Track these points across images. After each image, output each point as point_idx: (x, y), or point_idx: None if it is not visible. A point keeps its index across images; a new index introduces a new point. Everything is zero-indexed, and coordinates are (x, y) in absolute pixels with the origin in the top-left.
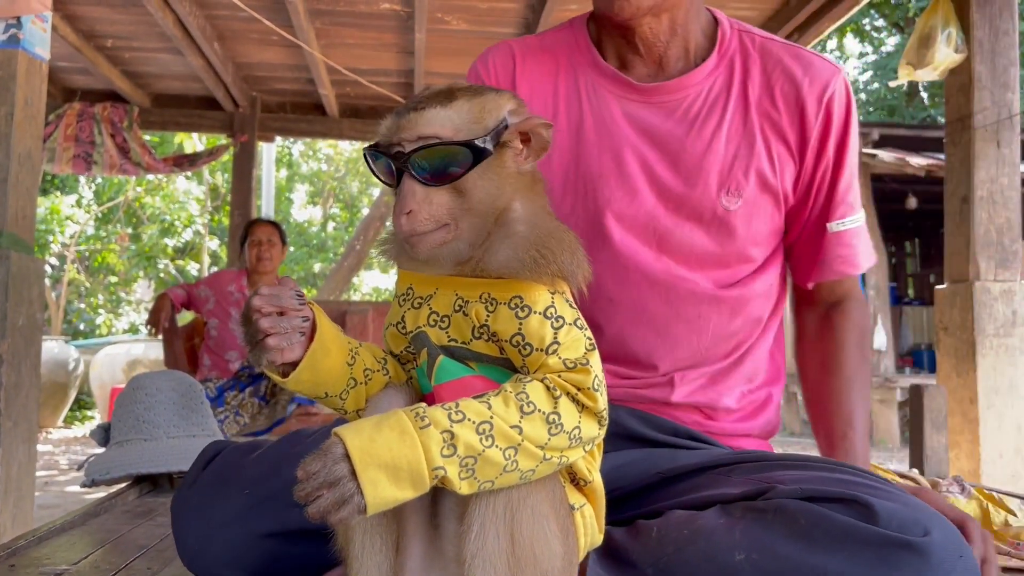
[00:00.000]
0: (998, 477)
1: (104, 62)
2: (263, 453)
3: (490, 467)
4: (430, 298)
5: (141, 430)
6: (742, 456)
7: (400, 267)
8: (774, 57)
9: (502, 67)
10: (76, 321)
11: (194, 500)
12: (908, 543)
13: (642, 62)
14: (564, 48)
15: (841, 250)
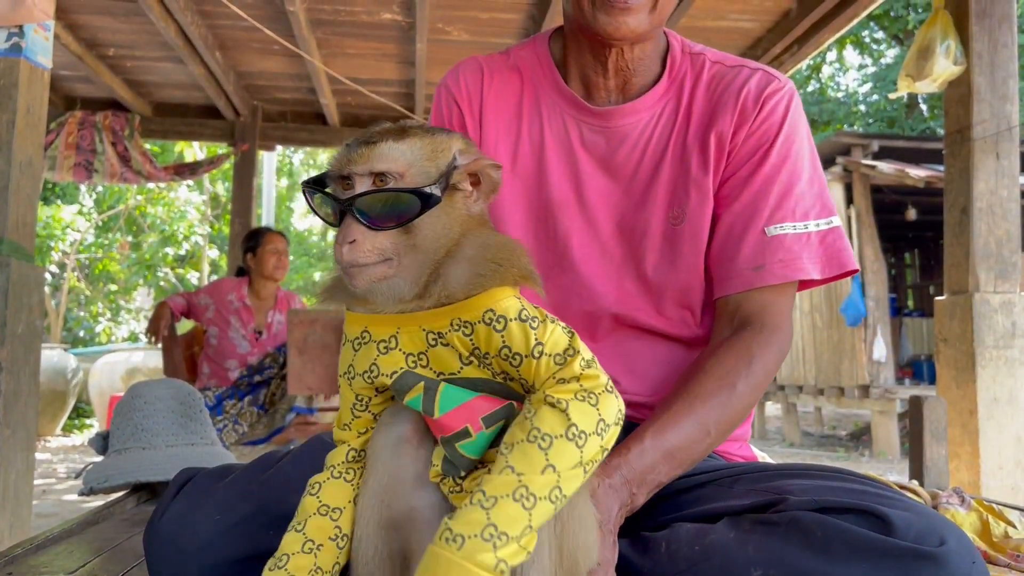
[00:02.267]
0: (998, 489)
1: (106, 71)
2: (234, 478)
3: (543, 515)
4: (393, 339)
5: (140, 438)
6: (744, 467)
7: (349, 309)
8: (720, 74)
9: (472, 83)
10: (76, 329)
11: (166, 529)
12: (926, 553)
13: (606, 85)
14: (528, 66)
15: (782, 254)
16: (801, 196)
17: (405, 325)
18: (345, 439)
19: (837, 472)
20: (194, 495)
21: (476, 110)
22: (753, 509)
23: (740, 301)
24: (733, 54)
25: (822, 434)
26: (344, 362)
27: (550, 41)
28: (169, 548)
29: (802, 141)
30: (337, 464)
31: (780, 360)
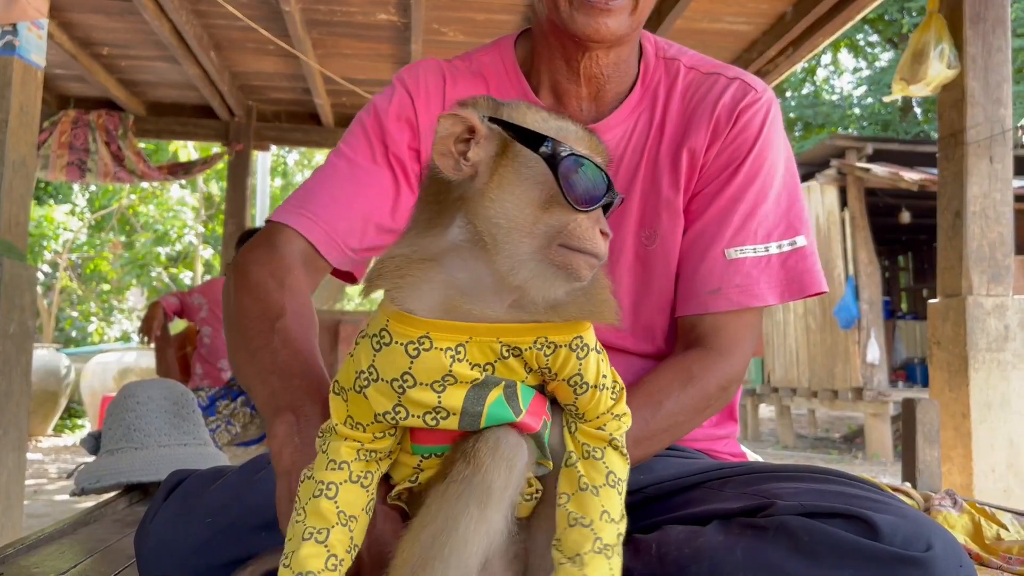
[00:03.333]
0: (990, 491)
1: (100, 70)
2: (226, 481)
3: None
4: (461, 349)
5: (132, 438)
6: (734, 469)
7: (414, 312)
8: (695, 83)
9: (433, 86)
10: (68, 329)
11: (157, 533)
12: (912, 559)
13: (578, 93)
14: (493, 74)
15: (739, 279)
16: (765, 217)
17: (481, 336)
18: (360, 440)
19: (826, 474)
20: (185, 498)
21: (435, 117)
22: (742, 512)
23: (694, 322)
24: (728, 57)
25: (816, 436)
26: (360, 362)
27: (516, 44)
28: (160, 551)
29: (776, 156)
30: (351, 463)
31: (725, 385)
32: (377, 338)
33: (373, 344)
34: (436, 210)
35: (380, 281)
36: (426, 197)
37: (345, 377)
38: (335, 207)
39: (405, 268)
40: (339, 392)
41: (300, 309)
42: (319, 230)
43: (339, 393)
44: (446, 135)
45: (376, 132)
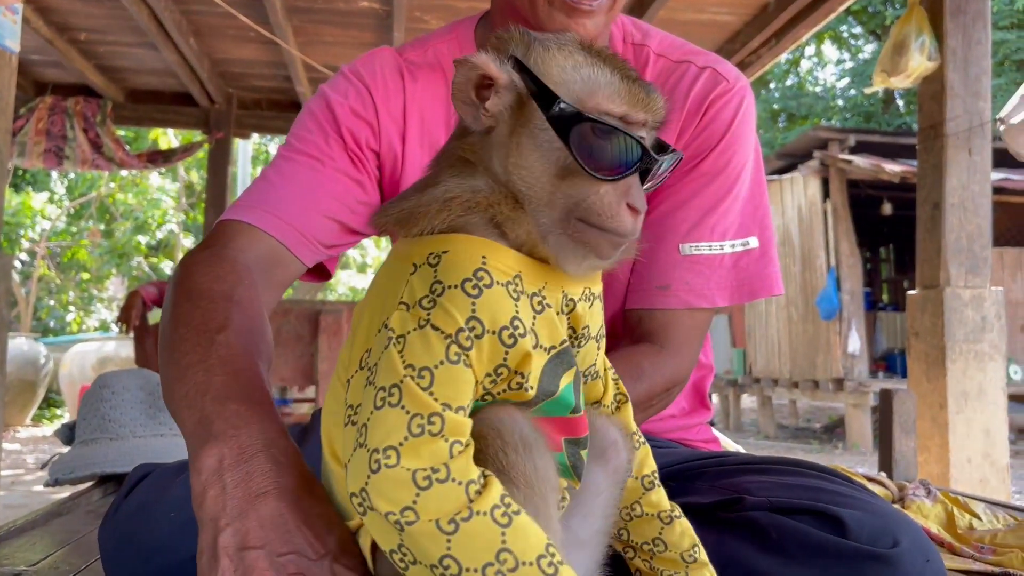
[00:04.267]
0: (967, 481)
1: (77, 56)
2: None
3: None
4: (542, 296)
5: (107, 429)
6: (705, 461)
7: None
8: (665, 71)
9: (392, 85)
10: (46, 318)
11: (121, 527)
12: (879, 555)
13: None
14: (450, 64)
15: (689, 276)
16: (724, 214)
17: (553, 282)
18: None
19: (797, 466)
20: (151, 491)
21: (398, 115)
22: (712, 507)
23: (642, 316)
24: (711, 48)
25: (797, 427)
26: (451, 320)
27: (476, 32)
28: (125, 545)
29: (745, 152)
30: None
31: (670, 385)
32: (472, 281)
33: (468, 290)
34: (463, 159)
35: (456, 215)
36: (454, 143)
37: (421, 356)
38: (299, 203)
39: (476, 204)
40: (416, 379)
41: (249, 323)
42: (288, 228)
43: (416, 380)
44: (463, 81)
45: (332, 127)
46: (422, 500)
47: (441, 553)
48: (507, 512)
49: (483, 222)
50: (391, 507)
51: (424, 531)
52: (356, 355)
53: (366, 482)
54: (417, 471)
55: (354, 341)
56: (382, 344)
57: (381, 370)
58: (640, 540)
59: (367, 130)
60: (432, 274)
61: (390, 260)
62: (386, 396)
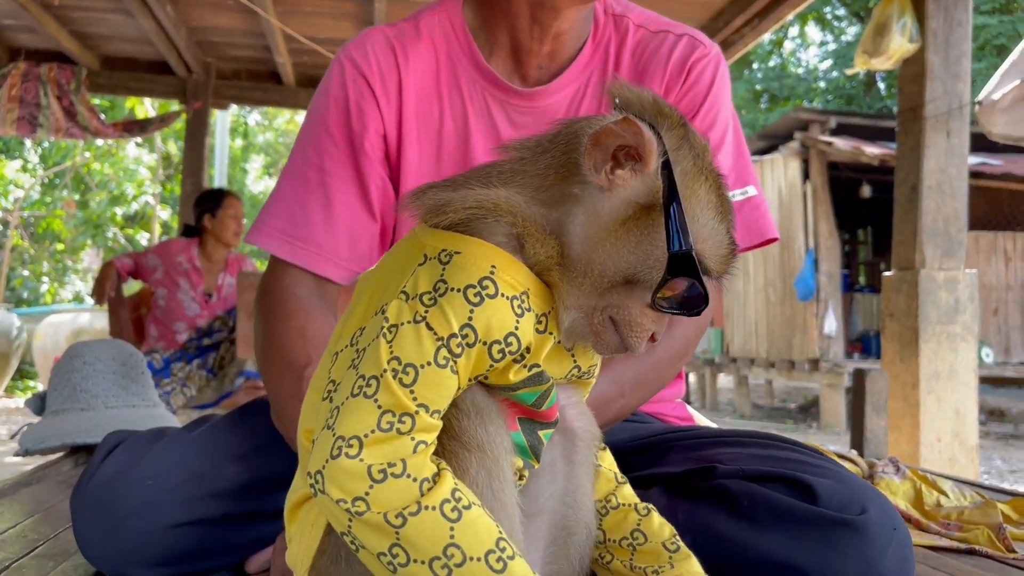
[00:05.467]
0: (936, 460)
1: (51, 21)
2: (168, 442)
3: None
4: (544, 317)
5: (78, 399)
6: (678, 433)
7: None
8: (644, 41)
9: (385, 63)
10: (19, 289)
11: (95, 494)
12: (847, 522)
13: (539, 52)
14: (441, 38)
15: (750, 221)
16: (735, 163)
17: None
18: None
19: (768, 439)
20: (126, 458)
21: (393, 94)
22: (685, 476)
23: None
24: (694, 27)
25: (772, 407)
26: (446, 324)
27: (464, 6)
28: (98, 513)
29: (727, 110)
30: (461, 487)
31: (700, 333)
32: (476, 289)
33: (469, 296)
34: (549, 183)
35: (488, 223)
36: (549, 160)
37: (410, 352)
38: (326, 228)
39: (512, 215)
40: (400, 374)
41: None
42: (322, 260)
43: (399, 376)
44: (616, 134)
45: (340, 130)
46: (374, 493)
47: (390, 543)
48: (457, 507)
49: (505, 233)
50: (343, 495)
51: (372, 522)
52: (350, 329)
53: (323, 465)
54: (374, 465)
55: (351, 314)
56: (374, 330)
57: (367, 357)
58: (619, 536)
59: (371, 116)
60: (440, 271)
61: (405, 242)
62: (364, 386)
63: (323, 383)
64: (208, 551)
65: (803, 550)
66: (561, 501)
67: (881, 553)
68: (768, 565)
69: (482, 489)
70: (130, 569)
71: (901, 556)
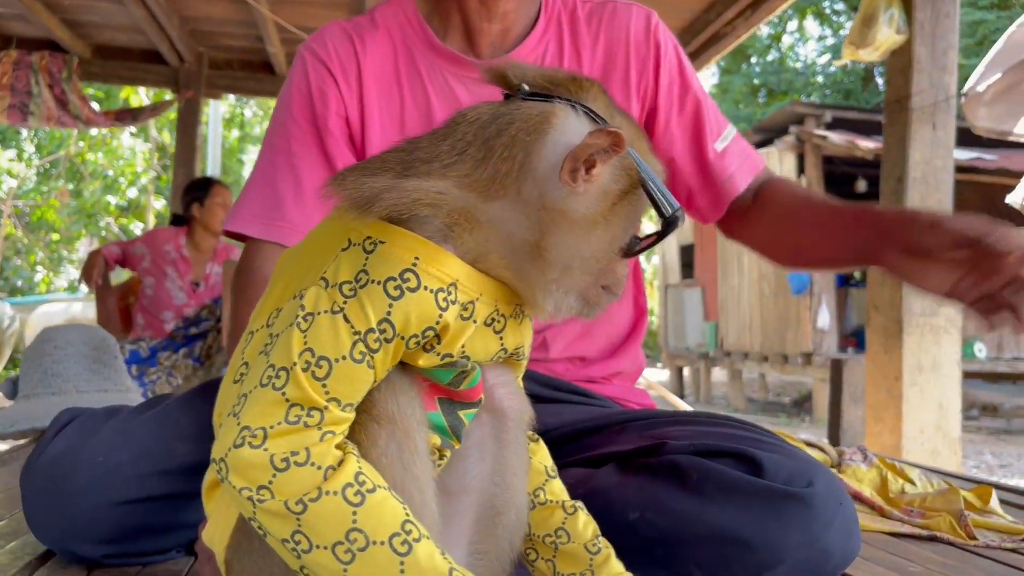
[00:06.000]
0: (919, 452)
1: (42, 9)
2: (120, 420)
3: None
4: (470, 305)
5: (49, 384)
6: (634, 414)
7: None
8: (596, 12)
9: (344, 51)
10: (13, 278)
11: (43, 470)
12: (794, 494)
13: (490, 30)
14: (396, 27)
15: (739, 160)
16: (714, 112)
17: (489, 295)
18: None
19: (721, 419)
20: (77, 435)
21: (353, 80)
22: (637, 453)
23: (734, 206)
24: (687, 18)
25: (766, 400)
26: (364, 319)
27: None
28: (47, 489)
29: (688, 61)
30: (366, 471)
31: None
32: (396, 282)
33: (389, 289)
34: (493, 180)
35: (417, 214)
36: (491, 158)
37: (325, 344)
38: (297, 204)
39: (437, 208)
40: (313, 367)
41: None
42: (295, 234)
43: (312, 369)
44: (590, 145)
45: (304, 114)
46: (277, 481)
47: (292, 529)
48: (360, 491)
49: (436, 224)
50: (246, 484)
51: (274, 510)
52: (268, 308)
53: (227, 454)
54: (277, 454)
55: (271, 292)
56: (290, 316)
57: (279, 346)
58: (543, 532)
59: (333, 99)
60: (363, 260)
61: (331, 222)
62: (273, 377)
63: (237, 363)
64: (157, 529)
65: (750, 523)
66: (490, 480)
67: (826, 526)
68: (717, 538)
69: (392, 461)
70: (77, 545)
71: (846, 530)
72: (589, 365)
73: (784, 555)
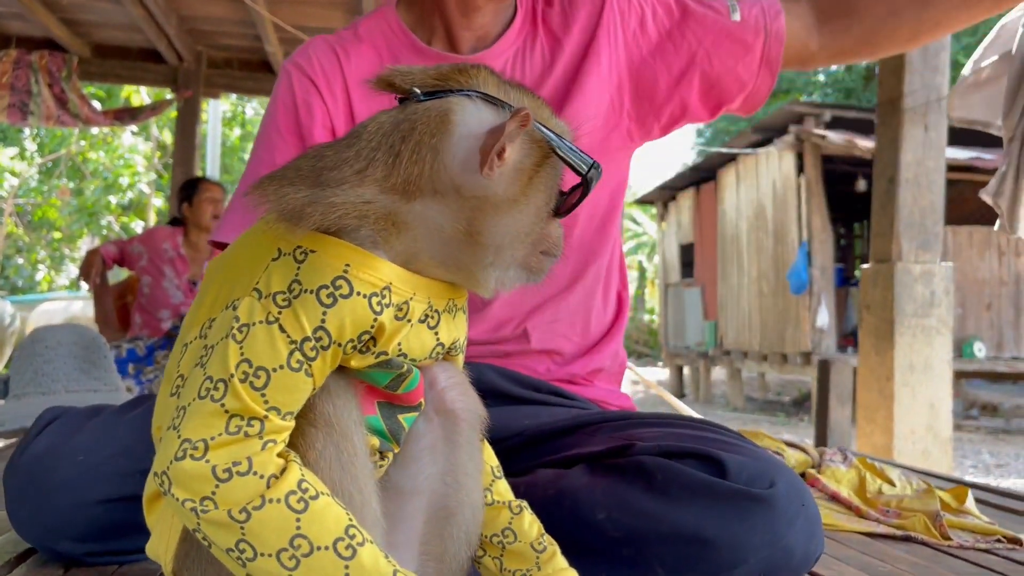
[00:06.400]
0: (910, 453)
1: (40, 8)
2: (103, 418)
3: None
4: (404, 306)
5: (39, 383)
6: (607, 415)
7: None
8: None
9: (328, 64)
10: (14, 276)
11: (25, 467)
12: (756, 495)
13: (471, 27)
14: (380, 37)
15: (754, 11)
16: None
17: (424, 293)
18: (283, 435)
19: (691, 421)
20: (59, 433)
21: (339, 91)
22: (606, 454)
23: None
24: None
25: (766, 399)
26: (299, 327)
27: (398, 9)
28: (28, 486)
29: None
30: (309, 478)
31: None
32: (329, 289)
33: (322, 298)
34: (407, 183)
35: (339, 222)
36: (400, 163)
37: (262, 354)
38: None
39: (364, 217)
40: (251, 377)
41: None
42: None
43: (250, 379)
44: (491, 142)
45: (289, 127)
46: (220, 492)
47: (236, 538)
48: (304, 498)
49: (363, 231)
50: (189, 495)
51: (218, 520)
52: (200, 319)
53: (168, 467)
54: (219, 465)
55: (202, 301)
56: (224, 327)
57: (215, 358)
58: (490, 532)
59: (318, 110)
60: (294, 271)
61: (259, 230)
62: (211, 389)
63: (173, 375)
64: (137, 528)
65: (714, 522)
66: (441, 481)
67: (788, 526)
68: (681, 537)
69: (331, 463)
70: (58, 543)
71: (808, 531)
72: (570, 362)
73: (747, 555)
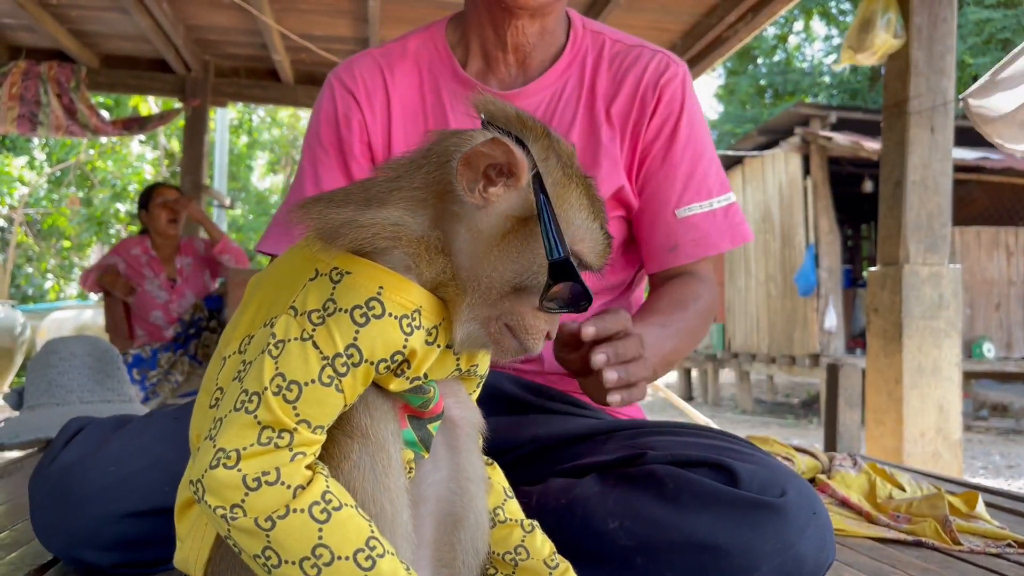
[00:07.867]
0: (920, 456)
1: (49, 19)
2: (130, 429)
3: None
4: (435, 330)
5: (53, 394)
6: (619, 424)
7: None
8: (620, 53)
9: (371, 80)
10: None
11: (54, 478)
12: (767, 503)
13: (506, 60)
14: (425, 56)
15: (693, 234)
16: (705, 176)
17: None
18: (313, 448)
19: (702, 430)
20: (87, 444)
21: (380, 108)
22: (620, 462)
23: (663, 275)
24: (688, 22)
25: (775, 402)
26: (331, 344)
27: (447, 27)
28: (57, 496)
29: (701, 121)
30: (334, 489)
31: (715, 304)
32: (362, 310)
33: (356, 317)
34: (431, 202)
35: (379, 246)
36: (425, 178)
37: (295, 369)
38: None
39: (397, 239)
40: (284, 391)
41: None
42: None
43: (283, 392)
44: (486, 154)
45: (330, 139)
46: (249, 500)
47: (262, 545)
48: (327, 509)
49: (397, 255)
50: (221, 503)
51: (245, 527)
52: (239, 335)
53: (203, 475)
54: (249, 474)
55: (241, 318)
56: (261, 344)
57: (252, 372)
58: (503, 550)
59: (358, 128)
60: (330, 290)
61: (298, 252)
62: (246, 401)
63: (212, 387)
64: (164, 539)
65: (725, 531)
66: (446, 487)
67: (800, 534)
68: (693, 545)
69: (365, 474)
70: (84, 552)
71: (819, 538)
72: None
73: (758, 563)
